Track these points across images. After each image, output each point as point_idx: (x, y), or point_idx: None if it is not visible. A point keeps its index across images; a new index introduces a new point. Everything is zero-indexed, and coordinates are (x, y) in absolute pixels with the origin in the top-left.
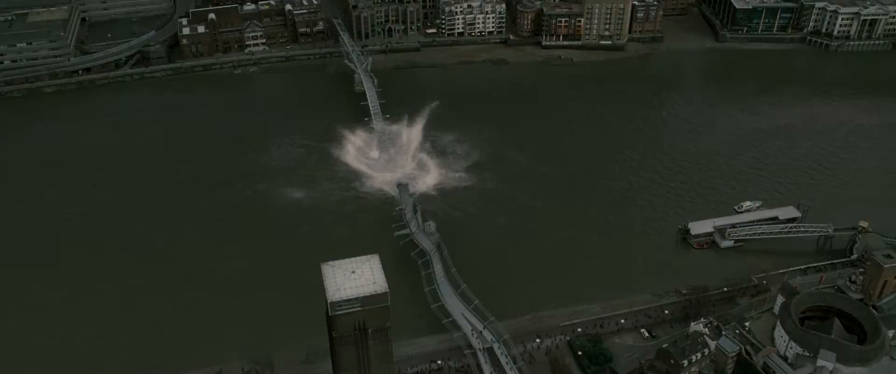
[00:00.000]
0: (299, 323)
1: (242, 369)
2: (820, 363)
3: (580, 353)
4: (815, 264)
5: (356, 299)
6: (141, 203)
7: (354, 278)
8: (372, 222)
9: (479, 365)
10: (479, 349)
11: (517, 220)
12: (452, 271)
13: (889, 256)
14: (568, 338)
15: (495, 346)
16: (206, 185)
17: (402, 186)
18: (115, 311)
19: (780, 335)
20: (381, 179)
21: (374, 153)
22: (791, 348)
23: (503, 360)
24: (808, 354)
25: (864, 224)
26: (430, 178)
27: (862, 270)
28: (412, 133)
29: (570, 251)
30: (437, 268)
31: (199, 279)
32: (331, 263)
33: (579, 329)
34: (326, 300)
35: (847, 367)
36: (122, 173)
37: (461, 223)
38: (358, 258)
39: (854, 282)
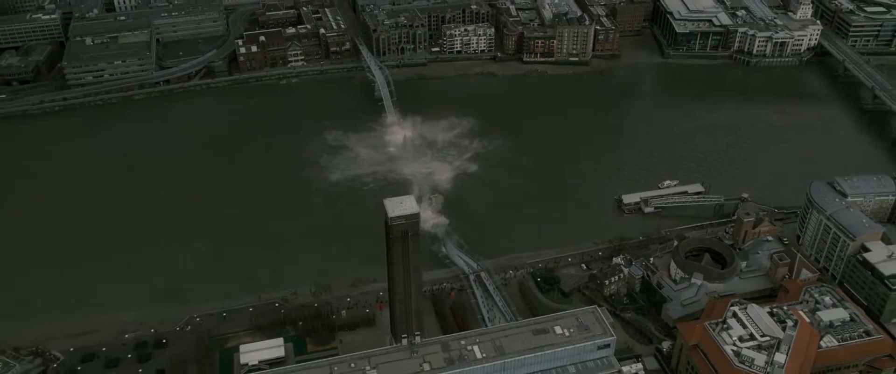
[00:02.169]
0: (346, 262)
1: (310, 290)
2: (693, 281)
3: (538, 279)
4: (706, 223)
5: (402, 216)
6: (213, 183)
7: (401, 205)
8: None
9: (470, 286)
10: (471, 275)
11: (501, 194)
12: (455, 238)
13: (748, 214)
14: (531, 270)
15: (483, 274)
16: (262, 170)
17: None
18: (211, 256)
19: (672, 265)
20: (399, 165)
21: (393, 147)
22: (677, 273)
23: (488, 284)
24: (686, 276)
25: (745, 195)
26: (437, 164)
27: (733, 225)
28: (422, 130)
29: (538, 215)
30: (442, 231)
31: (269, 236)
32: (389, 198)
33: (540, 265)
34: (387, 216)
35: (711, 284)
36: (197, 161)
37: (461, 197)
38: (402, 197)
39: (728, 233)
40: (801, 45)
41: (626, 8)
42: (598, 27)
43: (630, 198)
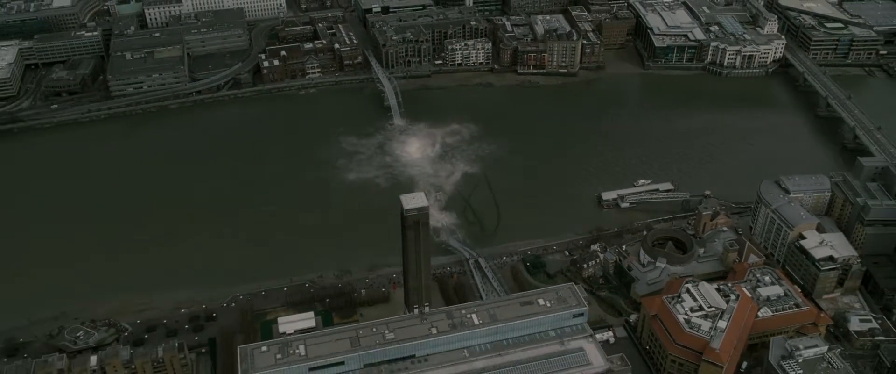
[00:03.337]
0: (362, 250)
1: (334, 273)
2: (657, 264)
3: (528, 264)
4: (673, 216)
5: (415, 208)
6: (243, 182)
7: (414, 200)
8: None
9: (470, 270)
10: (470, 261)
11: (497, 191)
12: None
13: (706, 208)
14: (522, 257)
15: (480, 260)
16: (286, 171)
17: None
18: (247, 245)
19: (640, 251)
20: (407, 167)
21: (401, 152)
22: (645, 258)
23: (486, 268)
24: (652, 260)
25: (707, 192)
26: (441, 165)
27: (694, 217)
28: (428, 133)
29: (528, 209)
30: (446, 227)
31: (296, 228)
32: (404, 194)
33: (529, 252)
34: (403, 208)
35: (672, 267)
36: (227, 163)
37: (463, 194)
38: (414, 193)
39: (690, 224)
40: (767, 57)
41: (611, 24)
42: (585, 42)
43: (608, 195)
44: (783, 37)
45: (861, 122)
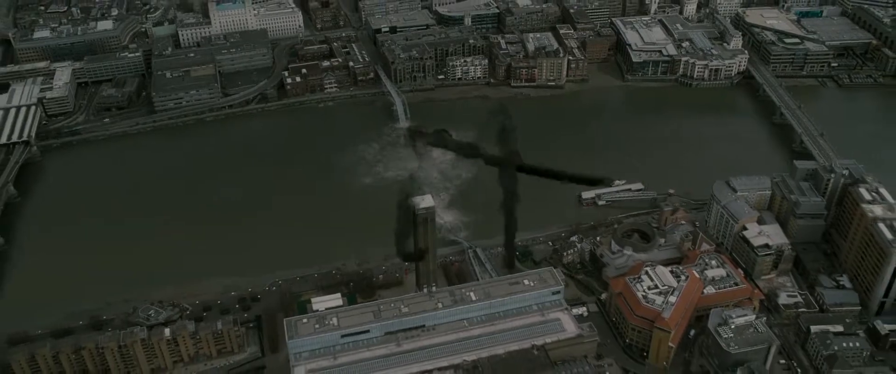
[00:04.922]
0: (378, 242)
1: (355, 262)
2: (624, 252)
3: (517, 253)
4: (640, 212)
5: (425, 207)
6: (272, 185)
7: (424, 201)
8: (412, 195)
9: (469, 258)
10: (469, 251)
11: (493, 191)
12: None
13: (667, 205)
14: None
15: (478, 249)
16: (309, 175)
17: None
18: (280, 239)
19: (611, 241)
20: (415, 171)
21: (412, 157)
22: (614, 247)
23: (482, 256)
24: (621, 249)
25: (671, 191)
26: (444, 170)
27: (657, 212)
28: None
29: (519, 206)
30: (448, 221)
31: (321, 225)
32: (415, 197)
33: (519, 243)
34: (414, 207)
35: (637, 254)
36: (257, 168)
37: (463, 195)
38: (425, 195)
39: (654, 219)
40: (732, 70)
41: (595, 41)
42: (570, 57)
43: (588, 194)
44: (746, 51)
45: (807, 129)
